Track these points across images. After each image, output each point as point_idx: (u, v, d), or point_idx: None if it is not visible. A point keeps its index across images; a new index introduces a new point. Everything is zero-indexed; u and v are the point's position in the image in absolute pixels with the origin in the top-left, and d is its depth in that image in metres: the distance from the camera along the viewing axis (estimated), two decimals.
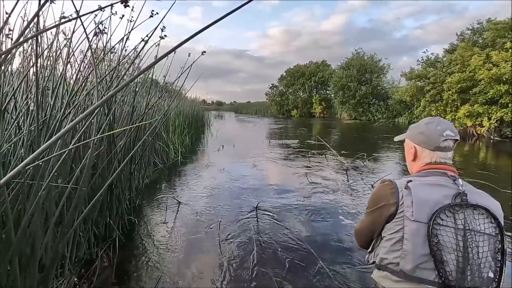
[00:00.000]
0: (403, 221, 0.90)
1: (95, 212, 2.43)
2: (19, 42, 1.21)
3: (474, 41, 14.74)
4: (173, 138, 7.02)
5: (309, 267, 2.34)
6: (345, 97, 25.23)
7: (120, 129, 2.72)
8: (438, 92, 14.61)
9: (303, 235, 2.89)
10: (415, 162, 1.07)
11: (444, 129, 0.99)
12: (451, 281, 0.83)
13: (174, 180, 5.00)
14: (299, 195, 4.17)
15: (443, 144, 0.99)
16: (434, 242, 0.84)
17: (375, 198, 1.02)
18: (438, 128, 1.00)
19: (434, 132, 1.00)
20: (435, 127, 1.01)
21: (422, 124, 1.07)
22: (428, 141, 1.01)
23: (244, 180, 4.98)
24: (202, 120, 13.18)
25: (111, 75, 2.47)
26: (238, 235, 2.85)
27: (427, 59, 17.10)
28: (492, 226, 0.87)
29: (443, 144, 0.99)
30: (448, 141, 0.99)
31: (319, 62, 35.16)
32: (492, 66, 11.85)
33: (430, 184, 0.92)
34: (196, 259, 2.43)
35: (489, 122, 11.96)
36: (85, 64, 2.68)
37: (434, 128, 1.01)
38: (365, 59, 25.23)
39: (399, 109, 20.66)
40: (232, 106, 61.02)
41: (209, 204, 3.73)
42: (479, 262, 0.83)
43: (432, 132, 1.00)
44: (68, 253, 2.06)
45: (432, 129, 1.01)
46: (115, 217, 2.76)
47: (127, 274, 2.21)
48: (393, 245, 0.92)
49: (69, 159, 2.10)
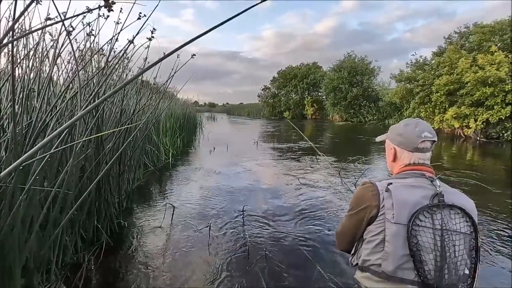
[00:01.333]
0: (384, 223, 0.92)
1: (83, 215, 2.39)
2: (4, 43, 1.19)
3: (461, 44, 15.10)
4: (164, 140, 6.96)
5: (302, 267, 2.35)
6: (337, 99, 25.45)
7: (108, 131, 2.69)
8: (427, 94, 14.89)
9: (294, 237, 2.90)
10: (395, 162, 1.09)
11: (422, 130, 1.01)
12: (430, 279, 0.85)
13: (165, 183, 4.95)
14: (289, 197, 4.19)
15: (421, 145, 1.01)
16: (414, 243, 0.87)
17: (357, 200, 1.03)
18: (416, 129, 1.02)
19: (412, 134, 1.02)
20: (413, 128, 1.03)
21: (400, 125, 1.09)
22: (406, 143, 1.04)
23: (235, 182, 4.97)
24: (194, 122, 13.10)
25: (99, 76, 2.44)
26: (229, 238, 2.85)
27: (416, 62, 17.42)
28: (467, 225, 0.90)
29: (421, 145, 1.01)
30: (426, 142, 1.01)
31: (310, 64, 35.45)
32: (478, 69, 12.16)
33: (409, 186, 0.94)
34: (186, 263, 2.41)
35: (476, 124, 12.25)
36: (72, 65, 2.64)
37: (412, 129, 1.03)
38: (356, 62, 25.53)
39: (389, 111, 20.96)
40: (224, 108, 60.89)
41: (200, 207, 3.71)
42: (456, 260, 0.87)
43: (410, 133, 1.03)
44: (54, 258, 2.03)
45: (410, 131, 1.03)
46: (104, 221, 2.72)
47: (115, 279, 2.18)
48: (374, 247, 0.94)
49: (54, 161, 2.06)
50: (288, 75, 35.36)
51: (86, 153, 2.36)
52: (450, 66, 13.64)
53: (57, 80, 2.63)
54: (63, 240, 2.14)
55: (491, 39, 13.17)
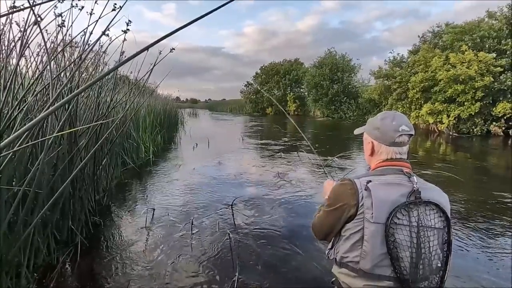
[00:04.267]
0: (363, 222, 0.92)
1: (56, 215, 2.28)
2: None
3: (435, 43, 15.74)
4: (144, 136, 6.77)
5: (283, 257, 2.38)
6: (318, 95, 25.80)
7: (82, 126, 2.57)
8: (404, 90, 15.43)
9: (277, 228, 2.92)
10: (372, 157, 1.08)
11: (399, 124, 1.00)
12: (405, 275, 0.88)
13: (145, 180, 4.83)
14: (272, 191, 4.21)
15: (399, 139, 1.00)
16: (391, 241, 0.88)
17: (335, 196, 1.01)
18: (394, 123, 1.00)
19: (389, 128, 1.00)
20: (390, 122, 1.01)
21: (377, 119, 1.07)
22: (383, 137, 1.02)
23: (217, 179, 4.94)
24: (176, 118, 12.85)
25: (71, 68, 2.32)
26: (210, 234, 2.82)
27: (394, 59, 17.99)
28: (441, 220, 0.92)
29: (399, 139, 1.00)
30: (403, 136, 1.00)
31: (292, 61, 35.66)
32: (450, 67, 12.74)
33: (388, 184, 0.94)
34: (166, 261, 2.37)
35: (448, 119, 12.86)
36: (43, 57, 2.50)
37: (389, 123, 1.01)
38: (337, 58, 25.97)
39: (369, 107, 21.52)
40: (207, 104, 60.12)
41: (180, 204, 3.65)
42: (430, 256, 0.89)
43: (387, 127, 1.01)
44: (25, 260, 1.92)
45: (387, 125, 1.01)
46: (78, 220, 2.61)
47: (91, 280, 2.11)
48: (352, 245, 0.94)
49: (23, 158, 1.95)
50: (270, 71, 35.41)
51: (59, 149, 2.24)
52: (424, 64, 14.20)
53: (26, 73, 2.48)
54: (35, 242, 2.03)
55: (462, 39, 13.81)
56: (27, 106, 1.86)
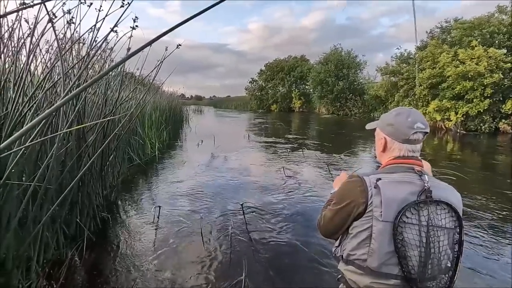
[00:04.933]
0: (371, 220, 0.90)
1: (64, 210, 2.31)
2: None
3: (443, 39, 15.48)
4: (149, 133, 6.82)
5: (294, 258, 2.38)
6: (323, 92, 25.63)
7: (90, 122, 2.60)
8: (411, 87, 15.25)
9: (284, 226, 2.93)
10: (384, 153, 1.05)
11: (414, 121, 0.97)
12: (413, 274, 0.87)
13: (151, 176, 4.87)
14: (277, 188, 4.21)
15: (413, 136, 0.97)
16: (399, 240, 0.87)
17: (343, 194, 0.99)
18: (409, 120, 0.97)
19: (404, 124, 0.97)
20: (405, 118, 0.98)
21: (392, 114, 1.03)
22: (397, 134, 0.99)
23: (223, 175, 4.95)
24: (181, 115, 12.90)
25: (79, 66, 2.34)
26: (218, 232, 2.84)
27: (401, 55, 17.77)
28: (452, 220, 0.91)
29: (413, 136, 0.97)
30: (418, 134, 0.97)
31: (298, 57, 35.45)
32: (459, 64, 12.52)
33: (397, 182, 0.92)
34: (173, 257, 2.39)
35: (456, 117, 12.68)
36: (51, 54, 2.52)
37: (404, 119, 0.98)
38: (343, 55, 25.74)
39: (375, 104, 21.34)
40: (211, 101, 60.14)
41: (187, 201, 3.67)
42: (439, 255, 0.88)
43: (401, 124, 0.98)
44: (35, 255, 1.95)
45: (401, 121, 0.98)
46: (86, 215, 2.64)
47: (99, 275, 2.14)
48: (360, 243, 0.93)
49: (33, 154, 1.97)
50: (275, 68, 35.25)
51: (67, 146, 2.27)
52: (432, 60, 13.99)
53: (35, 70, 2.50)
54: (44, 237, 2.06)
55: (471, 34, 13.56)
56: (36, 103, 1.87)
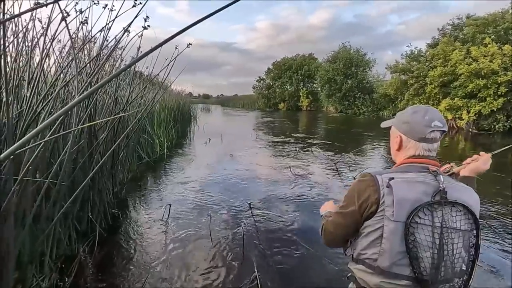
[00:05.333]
0: (383, 220, 0.89)
1: (76, 207, 2.36)
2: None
3: (455, 36, 15.14)
4: (158, 131, 6.89)
5: (299, 257, 2.38)
6: (332, 90, 25.43)
7: (101, 120, 2.64)
8: (421, 85, 14.98)
9: (293, 228, 2.92)
10: (399, 152, 1.03)
11: (432, 119, 0.94)
12: (425, 276, 0.85)
13: (160, 174, 4.92)
14: (285, 188, 4.20)
15: (430, 135, 0.94)
16: (411, 240, 0.85)
17: (355, 193, 0.96)
18: (426, 118, 0.95)
19: (420, 123, 0.95)
20: (422, 117, 0.95)
21: (408, 112, 1.01)
22: (413, 132, 0.97)
23: (231, 174, 4.96)
24: (188, 113, 12.99)
25: (91, 65, 2.37)
26: (226, 230, 2.85)
27: (411, 53, 17.46)
28: (468, 222, 0.88)
29: (430, 135, 0.94)
30: (435, 132, 0.94)
31: (306, 55, 35.26)
32: (471, 61, 12.23)
33: (411, 182, 0.90)
34: (183, 253, 2.41)
35: (468, 116, 12.41)
36: (64, 54, 2.56)
37: (421, 118, 0.95)
38: (351, 53, 25.46)
39: (384, 103, 21.07)
40: (218, 99, 60.40)
41: (195, 198, 3.70)
42: (453, 258, 0.85)
43: (418, 122, 0.96)
44: (48, 250, 2.00)
45: (418, 119, 0.96)
46: (98, 212, 2.69)
47: (109, 270, 2.17)
48: (371, 242, 0.92)
49: (46, 152, 2.02)
50: (283, 66, 35.14)
51: (79, 143, 2.31)
52: (444, 58, 13.71)
53: (49, 69, 2.55)
54: (57, 233, 2.11)
55: (485, 31, 13.23)
56: (50, 102, 1.91)
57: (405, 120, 1.00)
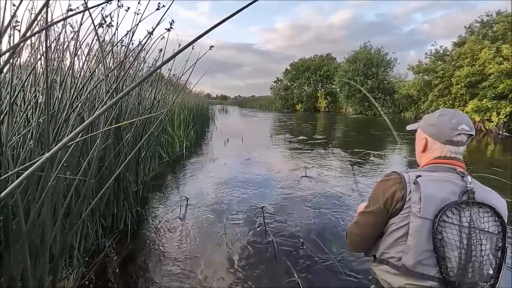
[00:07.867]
0: (409, 217, 0.87)
1: (102, 204, 2.46)
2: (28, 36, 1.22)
3: (484, 34, 14.42)
4: (178, 131, 7.05)
5: (318, 259, 2.36)
6: (351, 91, 24.94)
7: (127, 121, 2.74)
8: (447, 86, 14.38)
9: (311, 231, 2.90)
10: (424, 153, 1.03)
11: (459, 122, 0.94)
12: (452, 277, 0.83)
13: (180, 173, 5.03)
14: (302, 190, 4.17)
15: (456, 138, 0.94)
16: (438, 239, 0.83)
17: (380, 192, 0.96)
18: (453, 121, 0.95)
19: (447, 125, 0.95)
20: (449, 119, 0.96)
21: (435, 115, 1.01)
22: (439, 134, 0.97)
23: (248, 175, 4.99)
24: (207, 114, 13.19)
25: (118, 68, 2.47)
26: (244, 231, 2.87)
27: (436, 52, 16.79)
28: (496, 225, 0.86)
29: (456, 138, 0.94)
30: (462, 136, 0.94)
31: (324, 56, 34.83)
32: (502, 60, 11.60)
33: (438, 180, 0.89)
34: (201, 250, 2.46)
35: (498, 117, 11.76)
36: (91, 57, 2.68)
37: (448, 120, 0.95)
38: (372, 53, 24.87)
39: (405, 104, 20.42)
40: (236, 100, 60.91)
41: (214, 198, 3.75)
42: (481, 260, 0.83)
43: (445, 125, 0.96)
44: (77, 244, 2.11)
45: (445, 122, 0.96)
46: (122, 209, 2.79)
47: (134, 265, 2.25)
48: (396, 240, 0.90)
49: (76, 151, 2.12)
50: (301, 67, 34.88)
51: (107, 143, 2.41)
52: (471, 57, 13.09)
53: (80, 72, 2.68)
54: (85, 228, 2.22)
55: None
56: (80, 104, 2.01)
57: (432, 122, 1.00)
